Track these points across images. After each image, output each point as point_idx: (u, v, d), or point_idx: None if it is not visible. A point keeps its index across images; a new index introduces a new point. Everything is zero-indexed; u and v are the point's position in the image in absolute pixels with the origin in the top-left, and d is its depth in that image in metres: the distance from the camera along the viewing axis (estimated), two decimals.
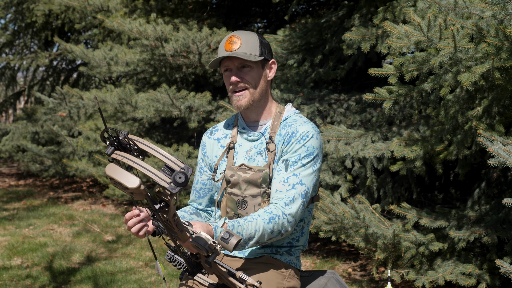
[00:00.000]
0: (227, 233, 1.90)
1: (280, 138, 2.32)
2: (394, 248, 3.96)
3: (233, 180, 2.29)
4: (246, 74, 2.30)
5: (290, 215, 2.20)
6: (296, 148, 2.27)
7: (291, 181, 2.24)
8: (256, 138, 2.35)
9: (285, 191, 2.23)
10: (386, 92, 3.58)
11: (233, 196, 2.30)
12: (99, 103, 6.34)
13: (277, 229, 2.18)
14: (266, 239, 2.18)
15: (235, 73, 2.30)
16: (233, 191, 2.30)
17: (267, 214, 2.18)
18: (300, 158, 2.26)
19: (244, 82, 2.30)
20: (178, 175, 1.64)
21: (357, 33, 4.33)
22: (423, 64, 3.22)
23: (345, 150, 4.36)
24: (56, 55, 9.92)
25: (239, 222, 2.13)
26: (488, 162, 2.80)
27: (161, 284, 4.68)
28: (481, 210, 4.02)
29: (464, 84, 3.02)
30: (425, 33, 3.06)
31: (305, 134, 2.29)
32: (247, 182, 2.28)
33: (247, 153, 2.35)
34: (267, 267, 2.31)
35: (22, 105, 12.28)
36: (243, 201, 2.30)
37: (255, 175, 2.27)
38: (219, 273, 2.04)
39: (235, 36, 2.30)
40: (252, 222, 2.14)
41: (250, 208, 2.29)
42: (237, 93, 2.31)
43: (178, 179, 1.64)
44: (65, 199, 8.03)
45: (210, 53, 5.85)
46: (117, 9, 7.17)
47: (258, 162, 2.32)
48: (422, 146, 3.89)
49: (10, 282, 4.70)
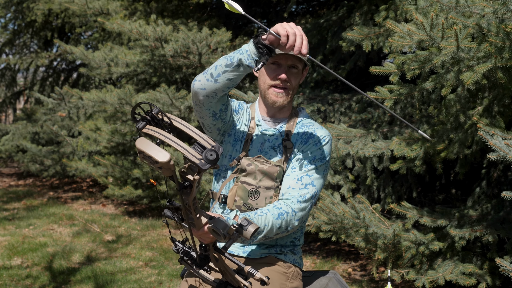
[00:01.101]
0: (245, 220, 1.89)
1: (298, 137, 2.36)
2: (394, 248, 3.96)
3: (249, 169, 2.30)
4: (292, 76, 2.33)
5: (299, 213, 2.24)
6: (313, 149, 2.33)
7: (304, 181, 2.28)
8: (271, 134, 2.39)
9: (298, 189, 2.27)
10: (387, 91, 3.58)
11: (245, 185, 2.31)
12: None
13: (285, 225, 2.21)
14: (273, 234, 2.20)
15: (285, 70, 2.31)
16: (247, 180, 2.31)
17: (276, 210, 2.21)
18: (315, 160, 2.32)
19: (289, 83, 2.33)
20: (210, 153, 1.65)
21: (359, 32, 4.33)
22: (425, 63, 3.22)
23: (345, 149, 4.36)
24: (56, 55, 9.92)
25: (249, 215, 2.15)
26: (488, 156, 2.80)
27: (161, 284, 4.68)
28: (481, 209, 4.02)
29: (467, 84, 3.02)
30: (428, 32, 3.06)
31: (322, 138, 2.35)
32: (264, 173, 2.30)
33: (261, 146, 2.37)
34: (271, 268, 2.32)
35: (22, 105, 12.28)
36: (256, 191, 2.31)
37: (273, 168, 2.29)
38: (224, 268, 2.03)
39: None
40: (262, 216, 2.16)
41: (261, 199, 2.30)
42: (277, 89, 2.33)
43: (209, 156, 1.64)
44: (65, 199, 8.02)
45: (210, 53, 5.85)
46: (117, 12, 7.16)
47: (270, 156, 2.35)
48: (422, 145, 3.89)
49: (10, 282, 4.69)
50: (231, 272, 2.03)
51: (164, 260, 5.29)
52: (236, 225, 1.86)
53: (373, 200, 4.92)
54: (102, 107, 6.41)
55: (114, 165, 6.72)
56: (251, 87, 6.00)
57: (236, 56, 2.10)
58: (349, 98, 5.20)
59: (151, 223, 6.58)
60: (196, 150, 1.67)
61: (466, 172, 4.27)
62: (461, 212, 3.97)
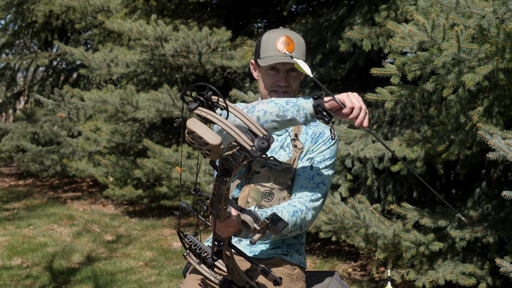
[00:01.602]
0: (276, 215, 1.86)
1: (308, 137, 2.38)
2: (394, 248, 3.96)
3: (263, 171, 2.30)
4: (292, 79, 2.34)
5: (312, 211, 2.27)
6: (323, 149, 2.35)
7: (316, 180, 2.31)
8: (279, 133, 2.40)
9: (310, 188, 2.29)
10: (388, 92, 3.57)
11: (259, 187, 2.30)
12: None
13: (299, 223, 2.23)
14: (288, 231, 2.22)
15: (284, 75, 2.32)
16: (261, 182, 2.30)
17: (291, 207, 2.23)
18: (325, 159, 2.34)
19: (289, 86, 2.34)
20: (261, 141, 1.64)
21: (359, 32, 4.33)
22: (426, 64, 3.22)
23: (346, 150, 4.35)
24: (56, 55, 9.91)
25: (266, 212, 2.16)
26: (487, 155, 2.80)
27: (161, 284, 4.68)
28: (482, 209, 4.02)
29: (468, 85, 3.02)
30: (429, 34, 3.06)
31: (331, 137, 2.35)
32: (277, 175, 2.30)
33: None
34: (276, 269, 2.33)
35: (22, 106, 12.27)
36: (270, 193, 2.31)
37: (285, 169, 2.31)
38: (233, 266, 2.02)
39: (288, 38, 2.30)
40: (278, 214, 2.16)
41: (275, 200, 2.30)
42: (278, 94, 2.34)
43: (261, 144, 1.64)
44: (65, 199, 8.02)
45: (210, 53, 5.85)
46: (118, 10, 7.16)
47: (280, 155, 2.36)
48: (423, 146, 3.89)
49: (10, 282, 4.69)
50: (240, 271, 2.03)
51: (164, 260, 5.29)
52: (268, 219, 1.83)
53: (373, 200, 4.92)
54: (103, 107, 6.41)
55: (114, 164, 6.72)
56: (251, 87, 6.00)
57: (290, 111, 2.05)
58: None
59: (151, 223, 6.58)
60: (248, 136, 1.66)
61: (466, 172, 4.27)
62: (461, 213, 3.97)
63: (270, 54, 2.30)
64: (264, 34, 2.37)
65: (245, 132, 1.66)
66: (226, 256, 2.00)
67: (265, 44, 2.32)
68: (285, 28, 2.40)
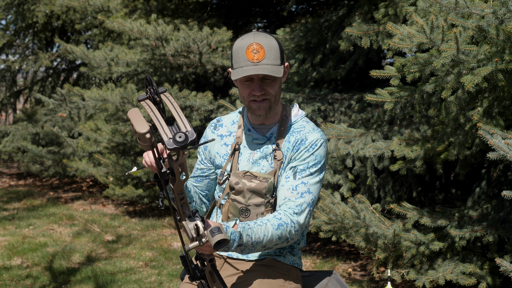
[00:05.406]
0: (217, 228, 1.87)
1: (289, 145, 2.29)
2: (395, 247, 3.96)
3: (237, 188, 2.26)
4: (268, 86, 2.24)
5: (298, 223, 2.20)
6: (305, 156, 2.26)
7: (300, 189, 2.23)
8: (261, 142, 2.33)
9: (294, 199, 2.22)
10: (387, 94, 3.57)
11: (236, 203, 2.28)
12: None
13: (285, 236, 2.19)
14: (273, 244, 2.18)
15: (258, 85, 2.22)
16: (237, 199, 2.28)
17: (276, 220, 2.17)
18: (309, 167, 2.26)
19: (267, 94, 2.24)
20: (179, 134, 1.65)
21: (358, 29, 4.33)
22: (425, 66, 3.22)
23: (345, 149, 4.36)
24: (56, 55, 9.91)
25: (249, 225, 2.12)
26: (488, 155, 2.80)
27: (161, 284, 4.68)
28: (482, 209, 4.02)
29: (467, 87, 3.02)
30: (428, 35, 3.06)
31: (314, 143, 2.27)
32: (252, 191, 2.25)
33: (251, 155, 2.32)
34: (270, 270, 2.31)
35: (22, 106, 12.26)
36: (246, 209, 2.28)
37: (261, 185, 2.24)
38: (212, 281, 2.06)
39: (257, 44, 2.19)
40: (261, 226, 2.14)
41: (252, 216, 2.28)
42: (257, 103, 2.26)
43: (178, 138, 1.64)
44: (65, 199, 8.02)
45: (210, 52, 5.85)
46: (118, 10, 7.16)
47: (263, 166, 2.30)
48: (423, 146, 3.89)
49: (10, 282, 4.70)
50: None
51: (164, 260, 5.29)
52: (206, 232, 1.85)
53: (373, 199, 4.92)
54: (103, 105, 6.40)
55: (115, 164, 6.72)
56: None
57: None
58: (349, 98, 5.20)
59: (151, 223, 6.58)
60: (171, 130, 1.68)
61: (466, 172, 4.27)
62: (461, 212, 3.97)
63: (240, 65, 2.19)
64: (236, 42, 2.25)
65: (173, 125, 1.69)
66: (210, 276, 2.04)
67: (236, 53, 2.22)
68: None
